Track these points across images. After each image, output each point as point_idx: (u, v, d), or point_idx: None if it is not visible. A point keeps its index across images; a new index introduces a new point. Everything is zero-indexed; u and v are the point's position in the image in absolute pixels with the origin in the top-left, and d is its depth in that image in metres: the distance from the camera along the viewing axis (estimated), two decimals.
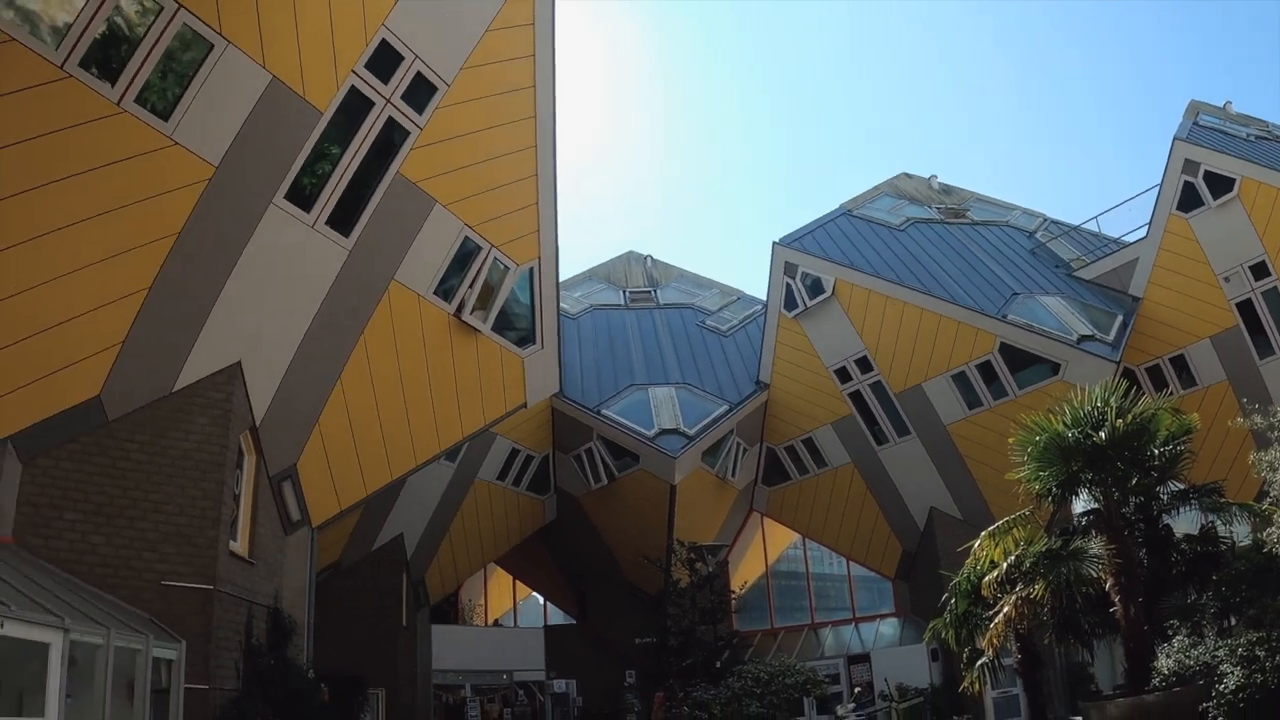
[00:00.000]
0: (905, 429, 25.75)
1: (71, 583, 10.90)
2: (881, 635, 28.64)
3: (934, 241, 27.77)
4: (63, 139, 10.36)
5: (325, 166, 13.23)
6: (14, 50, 9.73)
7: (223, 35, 11.30)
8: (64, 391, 11.40)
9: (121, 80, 10.65)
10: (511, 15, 15.35)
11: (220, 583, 12.30)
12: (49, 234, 10.56)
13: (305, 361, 14.28)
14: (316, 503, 15.91)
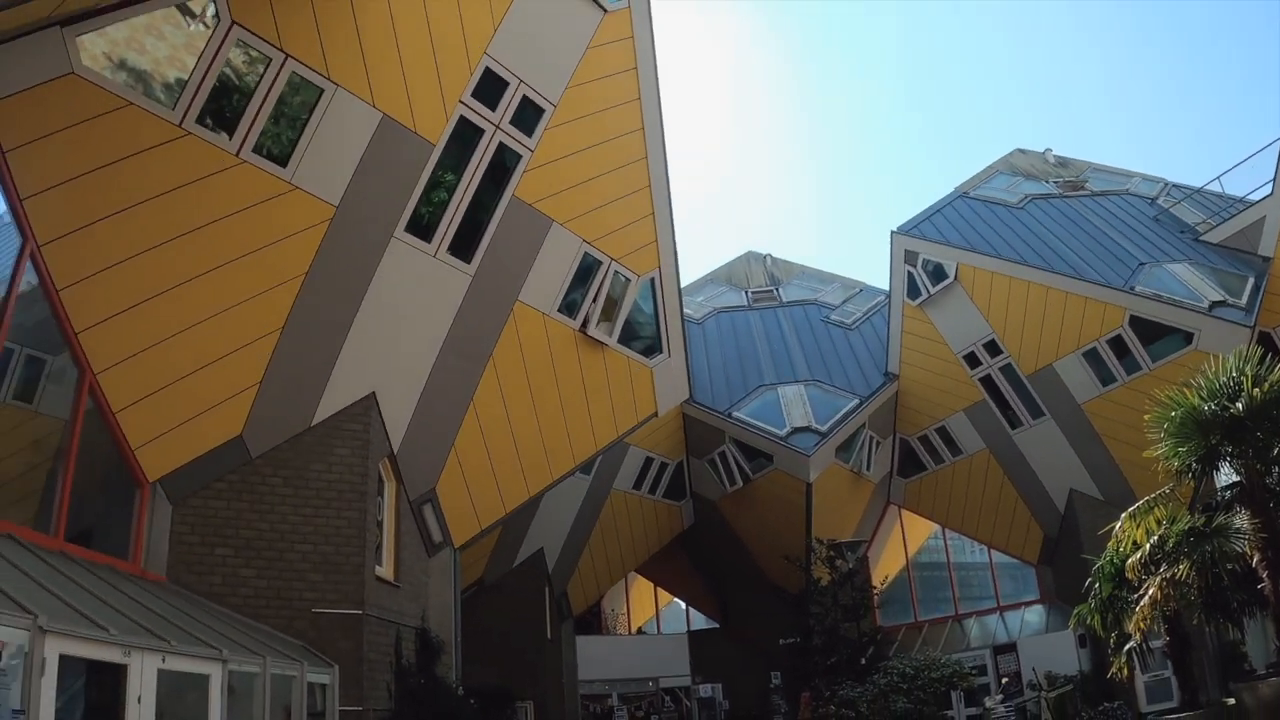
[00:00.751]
0: (1039, 410, 24.74)
1: (226, 615, 11.14)
2: (1027, 623, 27.60)
3: (1054, 217, 26.62)
4: (189, 192, 10.56)
5: (442, 195, 13.27)
6: (133, 114, 9.96)
7: (331, 79, 11.44)
8: (208, 433, 11.69)
9: (238, 132, 10.85)
10: (609, 31, 15.23)
11: (369, 607, 12.42)
12: (184, 283, 10.80)
13: (437, 387, 14.34)
14: (457, 524, 15.96)
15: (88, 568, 9.60)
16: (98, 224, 10.01)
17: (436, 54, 12.56)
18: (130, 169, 10.06)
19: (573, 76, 14.69)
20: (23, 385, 10.23)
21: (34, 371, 10.36)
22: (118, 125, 9.84)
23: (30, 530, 9.50)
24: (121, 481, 11.30)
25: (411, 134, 12.46)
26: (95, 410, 10.64)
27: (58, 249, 9.81)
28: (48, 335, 10.20)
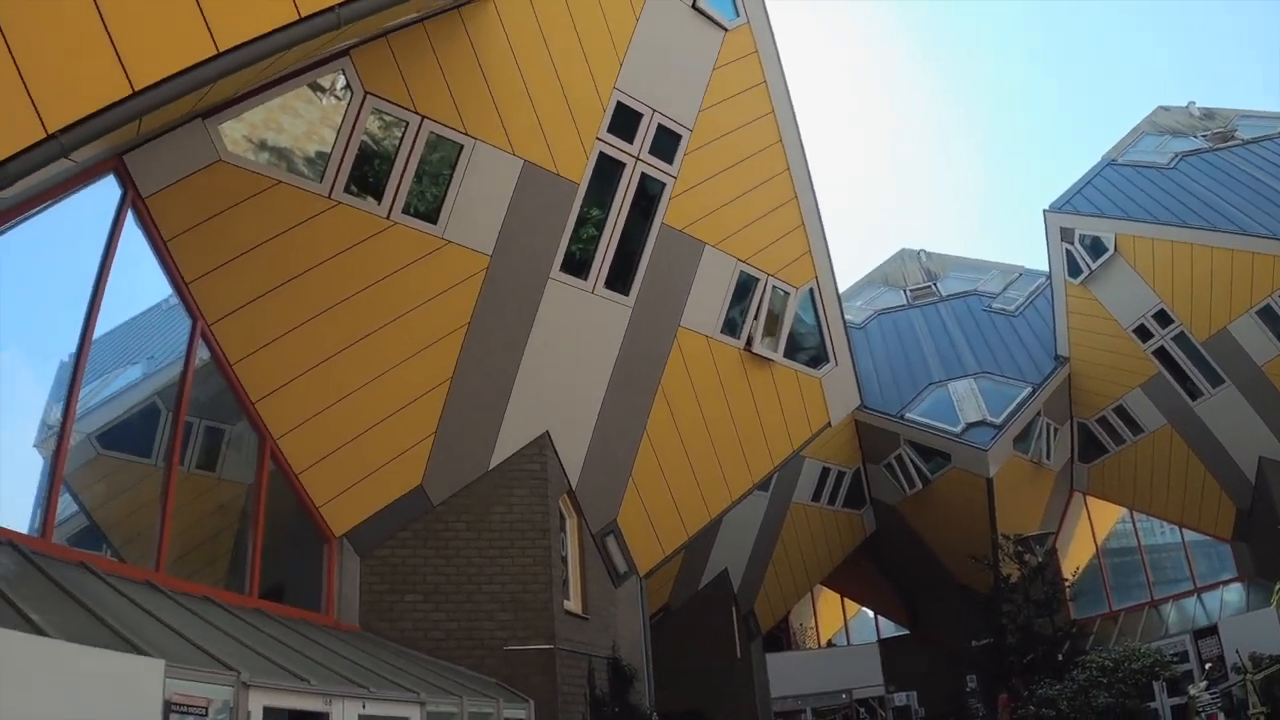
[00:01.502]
0: (1218, 378, 22.94)
1: (420, 659, 11.21)
2: (1227, 604, 25.33)
3: (1208, 172, 24.69)
4: (346, 259, 10.67)
5: (591, 232, 13.09)
6: (282, 191, 10.13)
7: (468, 134, 11.40)
8: (389, 485, 11.85)
9: (386, 195, 10.92)
10: (733, 49, 14.88)
11: (560, 641, 12.31)
12: (351, 345, 10.93)
13: (610, 420, 14.14)
14: (640, 552, 15.70)
15: (283, 623, 9.76)
16: (262, 298, 10.20)
17: (567, 95, 12.43)
18: (287, 243, 10.21)
19: (704, 99, 14.37)
20: (205, 455, 10.56)
21: (214, 441, 10.74)
22: (270, 203, 10.00)
23: (226, 591, 9.76)
24: (310, 538, 11.58)
25: (554, 176, 12.32)
26: (278, 473, 10.92)
27: (227, 325, 10.07)
28: (225, 406, 10.50)
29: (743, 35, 15.20)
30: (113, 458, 9.57)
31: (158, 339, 10.20)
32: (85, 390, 8.41)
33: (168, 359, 9.98)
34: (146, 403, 9.96)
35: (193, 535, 10.20)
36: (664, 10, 13.78)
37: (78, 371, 8.15)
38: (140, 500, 9.62)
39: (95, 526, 9.30)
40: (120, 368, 9.77)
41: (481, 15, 11.42)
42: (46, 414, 8.26)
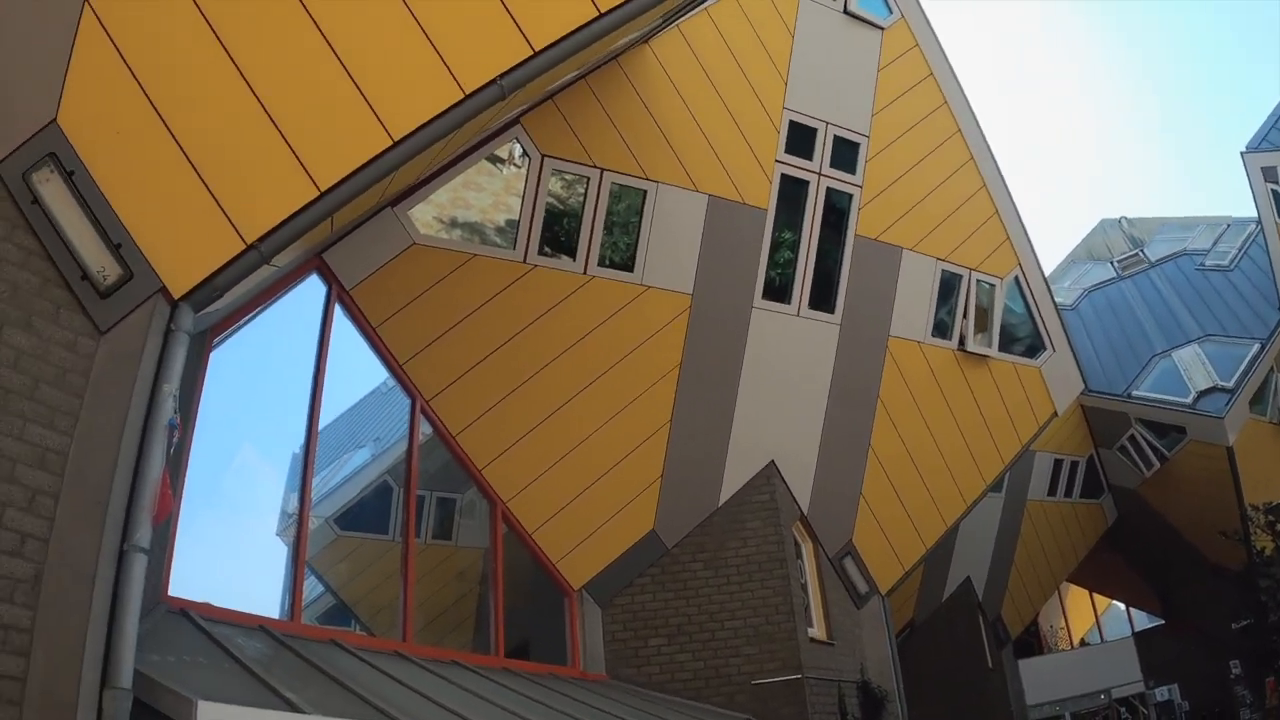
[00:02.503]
0: None
1: (668, 700, 11.13)
2: None
3: None
4: (550, 320, 10.63)
5: (786, 255, 12.69)
6: (479, 263, 10.19)
7: (649, 179, 11.27)
8: (622, 534, 11.78)
9: (580, 252, 10.87)
10: (893, 47, 14.25)
11: (807, 670, 11.90)
12: (568, 403, 10.88)
13: (833, 441, 13.62)
14: (880, 570, 15.03)
15: (530, 679, 9.71)
16: (474, 369, 10.26)
17: (739, 123, 12.15)
18: (490, 312, 10.24)
19: (874, 102, 13.79)
20: (440, 525, 10.76)
21: (447, 511, 10.96)
22: (468, 277, 10.08)
23: (473, 653, 9.85)
24: (550, 593, 11.64)
25: (740, 205, 12.03)
26: (512, 534, 10.99)
27: (445, 400, 10.16)
28: (454, 476, 10.65)
29: (900, 31, 14.56)
30: (352, 537, 9.87)
31: (381, 420, 10.47)
32: (318, 478, 8.60)
33: (393, 438, 10.19)
34: (378, 482, 10.19)
35: (436, 603, 10.38)
36: (818, 22, 13.33)
37: (309, 461, 8.32)
38: (382, 574, 9.82)
39: (342, 604, 9.60)
40: (349, 452, 10.06)
41: (640, 61, 11.29)
42: (285, 503, 8.46)
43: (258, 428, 8.70)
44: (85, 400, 5.18)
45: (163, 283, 5.45)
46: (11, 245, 5.18)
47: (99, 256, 5.37)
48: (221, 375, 7.43)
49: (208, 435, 7.11)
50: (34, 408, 4.96)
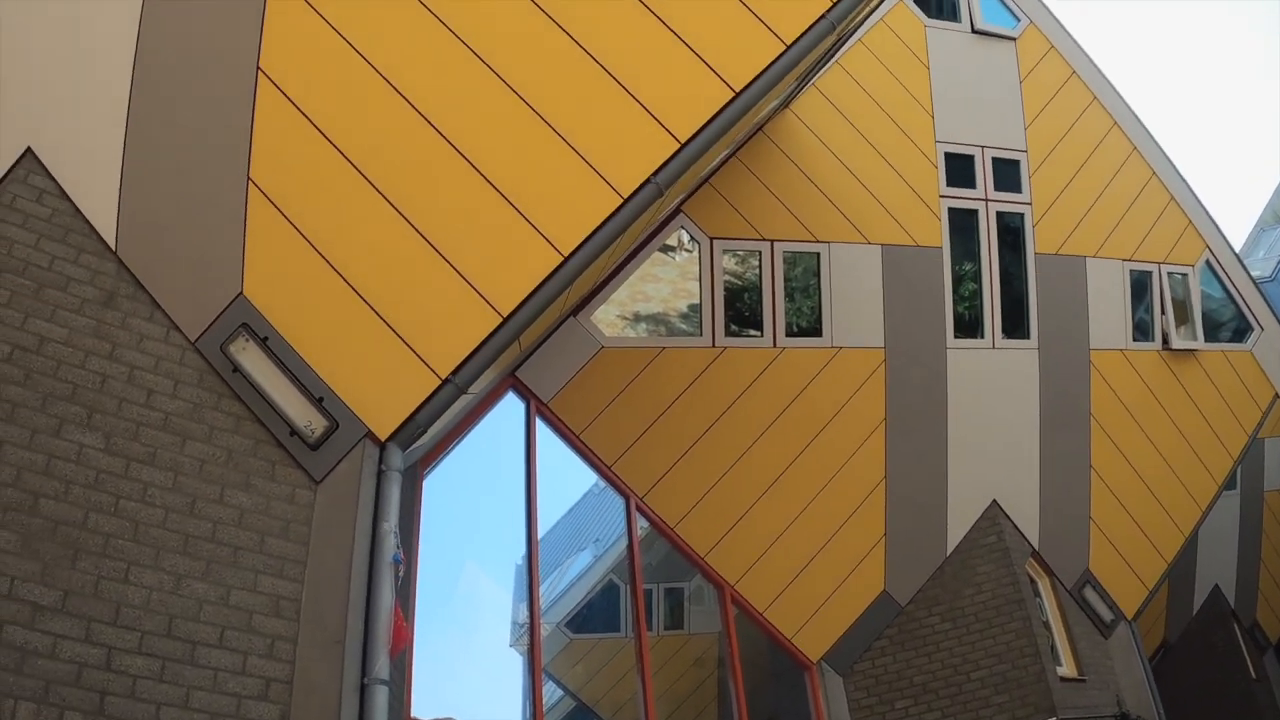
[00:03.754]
0: None
1: None
2: None
3: None
4: (748, 398, 10.51)
5: (970, 287, 12.28)
6: (669, 355, 10.24)
7: (819, 240, 11.12)
8: (854, 599, 11.37)
9: (766, 324, 10.76)
10: (1030, 54, 13.71)
11: (1061, 711, 11.22)
12: (779, 478, 10.69)
13: (1052, 469, 12.94)
14: (1122, 594, 14.03)
15: None
16: (682, 460, 10.20)
17: (895, 167, 11.89)
18: (689, 401, 10.21)
19: (1024, 114, 13.28)
20: (671, 616, 10.90)
21: (676, 600, 11.05)
22: (661, 370, 10.11)
23: None
24: (788, 669, 11.30)
25: (915, 249, 11.74)
26: (743, 616, 10.76)
27: (658, 494, 10.13)
28: (677, 566, 10.61)
29: (1032, 37, 14.00)
30: (585, 639, 10.13)
31: (598, 521, 10.61)
32: (545, 585, 8.76)
33: (612, 537, 10.36)
34: (604, 582, 10.41)
35: (676, 693, 10.52)
36: (949, 48, 13.00)
37: (533, 570, 8.45)
38: (619, 671, 9.96)
39: (582, 706, 9.94)
40: (571, 556, 10.42)
41: (785, 127, 11.20)
42: (515, 614, 8.67)
43: (479, 545, 9.01)
44: (311, 547, 5.43)
45: (368, 427, 5.68)
46: (220, 413, 5.55)
47: (304, 412, 5.63)
48: (436, 500, 7.67)
49: (432, 559, 7.32)
50: (264, 560, 5.26)
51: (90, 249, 5.84)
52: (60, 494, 4.92)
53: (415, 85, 6.43)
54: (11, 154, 6.07)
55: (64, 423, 5.12)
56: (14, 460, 4.90)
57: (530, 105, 6.44)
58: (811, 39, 6.77)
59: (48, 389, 5.17)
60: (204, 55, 6.50)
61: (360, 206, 6.12)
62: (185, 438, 5.38)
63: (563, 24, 6.64)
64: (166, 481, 5.21)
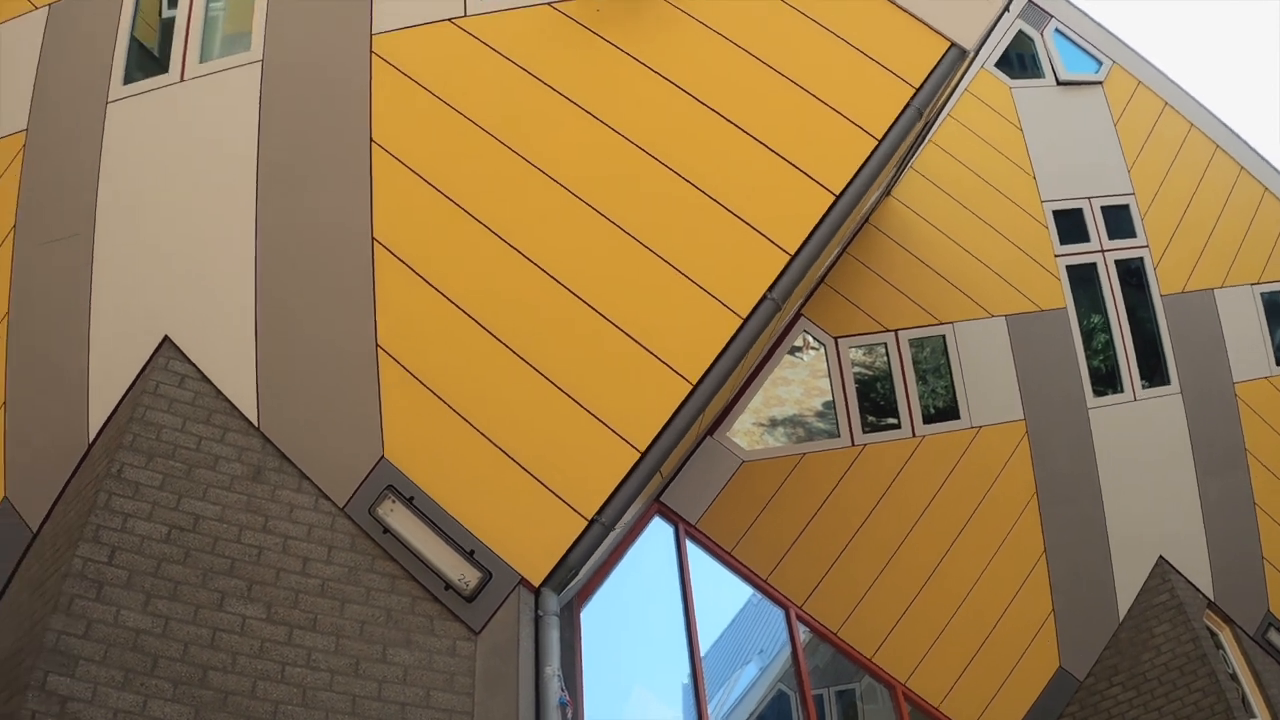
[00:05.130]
0: None
1: None
2: None
3: None
4: (895, 492, 10.29)
5: (1102, 339, 11.83)
6: (810, 460, 10.06)
7: (942, 321, 10.93)
8: (1030, 680, 10.84)
9: (901, 415, 10.52)
10: (1119, 95, 13.36)
11: None
12: (939, 566, 10.36)
13: (1215, 514, 12.24)
14: None
15: None
16: (836, 564, 10.00)
17: (1006, 235, 11.66)
18: (836, 505, 10.02)
19: (1125, 156, 12.91)
20: (844, 717, 10.44)
21: (848, 702, 10.57)
22: (803, 477, 9.97)
23: None
24: None
25: (1039, 314, 11.41)
26: (916, 711, 10.32)
27: (816, 601, 9.93)
28: (844, 669, 10.28)
29: (1118, 77, 13.67)
30: None
31: (759, 632, 10.38)
32: (713, 703, 8.66)
33: (775, 646, 10.00)
34: (773, 692, 9.97)
35: None
36: (1037, 105, 12.77)
37: (699, 689, 8.34)
38: None
39: None
40: (736, 670, 9.99)
41: (890, 214, 11.10)
42: None
43: (643, 670, 8.86)
44: (476, 698, 5.43)
45: (521, 575, 5.71)
46: (376, 574, 5.68)
47: (456, 566, 5.69)
48: (596, 633, 7.60)
49: (598, 691, 7.22)
50: (431, 715, 5.29)
51: (235, 427, 6.09)
52: (227, 665, 5.07)
53: (527, 238, 6.52)
54: (150, 343, 6.43)
55: (225, 596, 5.31)
56: (180, 636, 5.08)
57: (640, 241, 6.47)
58: (901, 129, 6.68)
59: (207, 565, 5.39)
60: (320, 232, 6.73)
61: (487, 359, 6.19)
62: (344, 601, 5.51)
63: (662, 159, 6.70)
64: (329, 645, 5.32)
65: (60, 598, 5.02)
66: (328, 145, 6.99)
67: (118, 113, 7.61)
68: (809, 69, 6.93)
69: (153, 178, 7.26)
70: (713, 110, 6.84)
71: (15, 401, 6.88)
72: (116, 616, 5.04)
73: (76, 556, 5.20)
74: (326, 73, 7.30)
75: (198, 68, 7.60)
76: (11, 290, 7.29)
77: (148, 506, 5.50)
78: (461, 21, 7.30)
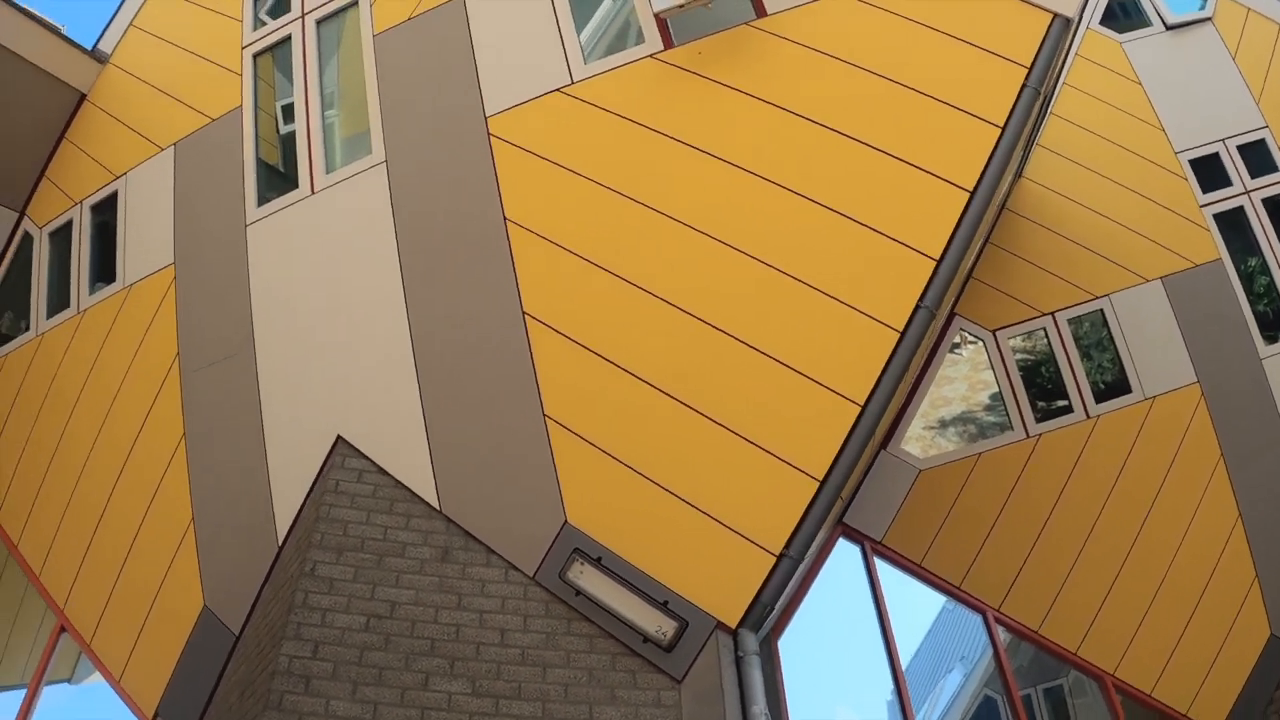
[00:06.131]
0: None
1: None
2: None
3: None
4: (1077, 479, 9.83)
5: (1263, 282, 11.08)
6: (988, 459, 9.68)
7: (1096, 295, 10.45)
8: (1242, 652, 10.14)
9: (1072, 397, 10.07)
10: (1230, 28, 12.58)
11: None
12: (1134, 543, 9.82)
13: None
14: None
15: None
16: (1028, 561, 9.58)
17: (1147, 194, 11.09)
18: (1020, 500, 9.64)
19: (1250, 89, 12.15)
20: (1055, 715, 10.06)
21: (1056, 698, 10.15)
22: (983, 477, 9.63)
23: None
24: None
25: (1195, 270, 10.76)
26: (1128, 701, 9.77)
27: (1012, 601, 9.56)
28: (1048, 665, 9.93)
29: (1226, 9, 12.91)
30: None
31: (958, 640, 10.08)
32: (920, 715, 8.56)
33: (976, 651, 9.71)
34: (979, 698, 9.76)
35: None
36: (1150, 55, 12.18)
37: (904, 704, 8.25)
38: None
39: None
40: (939, 680, 9.84)
41: (1026, 195, 10.74)
42: None
43: (845, 692, 8.75)
44: None
45: (716, 619, 5.64)
46: (573, 637, 5.73)
47: (652, 618, 5.66)
48: (795, 662, 7.47)
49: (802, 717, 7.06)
50: None
51: (417, 513, 6.24)
52: None
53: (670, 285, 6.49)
54: (324, 443, 6.63)
55: (429, 675, 5.44)
56: (390, 719, 5.20)
57: (782, 270, 6.36)
58: (1022, 112, 6.45)
59: (408, 648, 5.55)
60: (471, 314, 6.82)
61: (651, 411, 6.16)
62: (545, 666, 5.56)
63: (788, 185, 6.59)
64: (536, 712, 5.38)
65: (270, 695, 5.23)
66: (464, 230, 7.08)
67: (257, 233, 7.86)
68: (917, 70, 6.75)
69: (301, 288, 7.48)
70: (830, 129, 6.71)
71: (203, 515, 7.15)
72: (327, 708, 5.25)
73: (282, 655, 5.41)
74: (449, 162, 7.41)
75: (325, 178, 7.79)
76: (185, 414, 7.56)
77: (344, 599, 5.71)
78: (570, 89, 7.32)
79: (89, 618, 7.52)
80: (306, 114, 8.16)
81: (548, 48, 7.52)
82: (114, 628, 7.35)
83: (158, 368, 7.89)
